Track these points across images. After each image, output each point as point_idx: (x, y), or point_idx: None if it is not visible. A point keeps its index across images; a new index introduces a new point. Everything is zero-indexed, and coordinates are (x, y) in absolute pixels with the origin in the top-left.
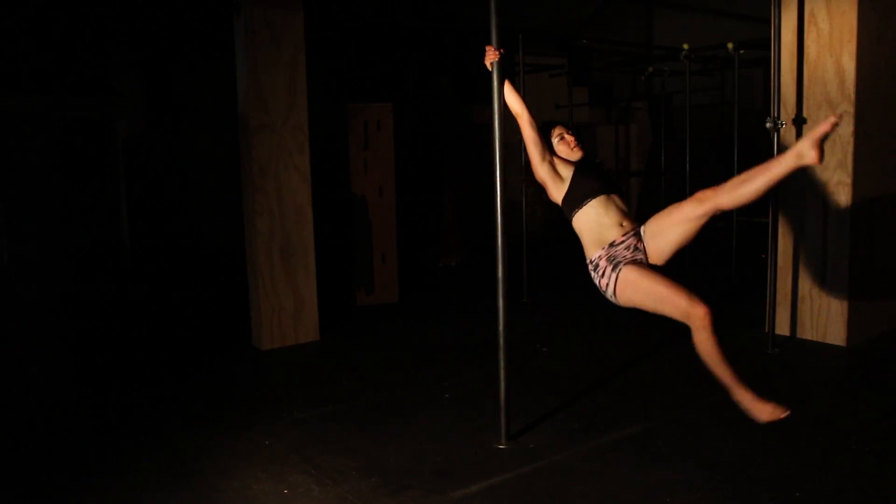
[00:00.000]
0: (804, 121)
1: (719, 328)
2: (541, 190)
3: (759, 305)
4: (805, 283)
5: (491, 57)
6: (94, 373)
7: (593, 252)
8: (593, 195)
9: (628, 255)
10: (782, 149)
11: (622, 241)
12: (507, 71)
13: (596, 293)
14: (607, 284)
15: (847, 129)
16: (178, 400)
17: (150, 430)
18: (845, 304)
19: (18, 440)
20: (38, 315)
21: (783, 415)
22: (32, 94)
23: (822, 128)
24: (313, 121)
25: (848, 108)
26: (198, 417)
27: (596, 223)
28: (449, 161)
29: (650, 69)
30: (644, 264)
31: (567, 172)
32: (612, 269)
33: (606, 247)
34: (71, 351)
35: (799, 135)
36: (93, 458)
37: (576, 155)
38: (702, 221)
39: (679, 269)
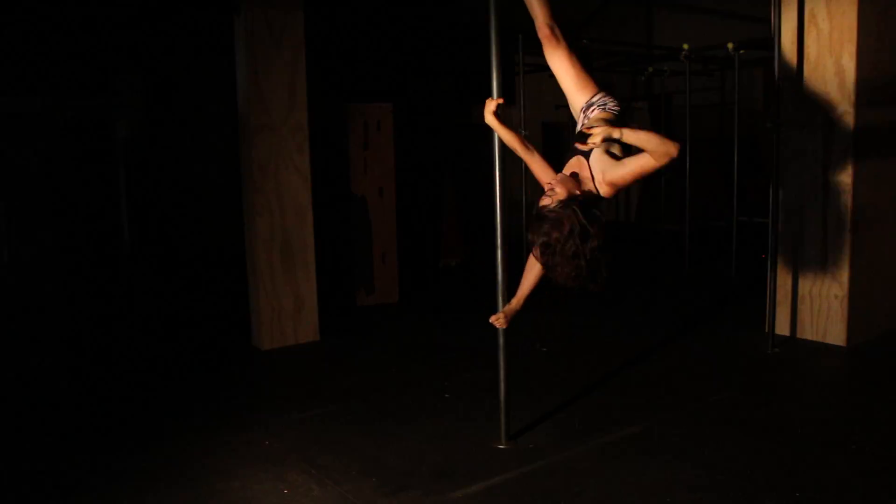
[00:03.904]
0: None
1: (719, 328)
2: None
3: (759, 305)
4: (805, 283)
5: (493, 107)
6: (94, 373)
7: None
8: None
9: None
10: (782, 149)
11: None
12: (508, 71)
13: (593, 293)
14: None
15: (847, 128)
16: (178, 400)
17: (151, 430)
18: (845, 304)
19: (19, 440)
20: (38, 314)
21: None
22: (32, 94)
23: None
24: (313, 121)
25: (848, 108)
26: (198, 417)
27: None
28: (449, 161)
29: (650, 69)
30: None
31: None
32: None
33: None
34: (71, 350)
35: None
36: (93, 459)
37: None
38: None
39: (679, 268)
